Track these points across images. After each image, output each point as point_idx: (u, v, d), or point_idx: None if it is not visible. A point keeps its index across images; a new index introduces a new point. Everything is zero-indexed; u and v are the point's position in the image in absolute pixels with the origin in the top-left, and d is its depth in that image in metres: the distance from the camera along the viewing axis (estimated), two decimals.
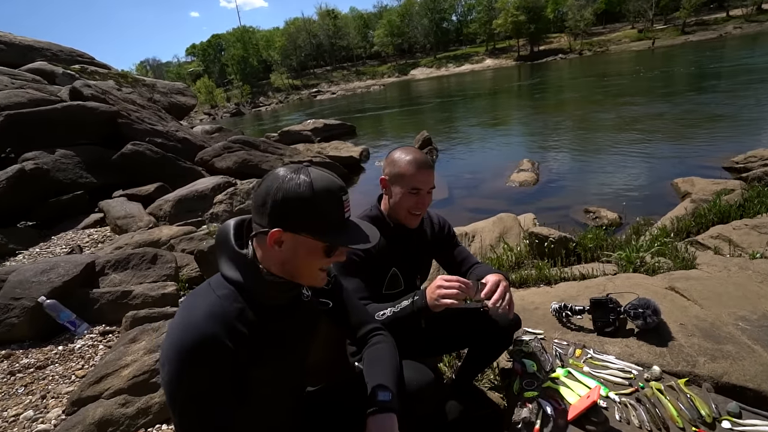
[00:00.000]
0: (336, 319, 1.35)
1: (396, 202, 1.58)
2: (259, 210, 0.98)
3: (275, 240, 0.98)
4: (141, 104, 9.95)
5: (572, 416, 1.37)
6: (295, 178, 0.97)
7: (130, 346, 2.38)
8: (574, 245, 3.60)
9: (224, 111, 52.26)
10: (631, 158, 8.17)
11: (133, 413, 2.07)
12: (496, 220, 4.53)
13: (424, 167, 1.54)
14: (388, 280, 1.64)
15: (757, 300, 2.14)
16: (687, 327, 1.91)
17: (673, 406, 1.39)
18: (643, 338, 1.82)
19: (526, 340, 1.82)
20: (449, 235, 1.88)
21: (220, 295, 0.98)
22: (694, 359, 1.70)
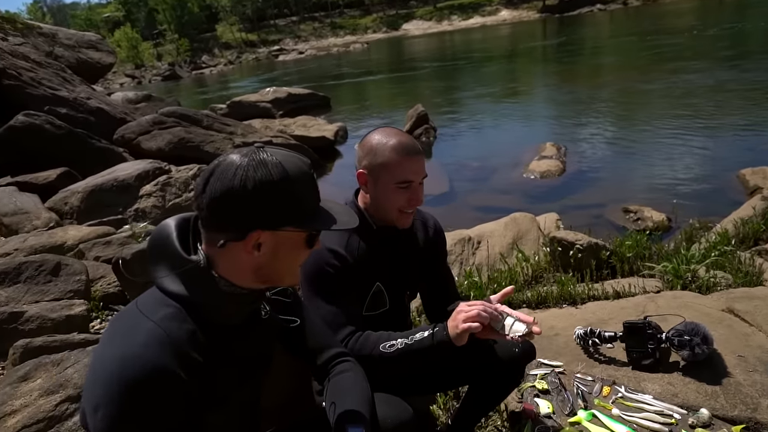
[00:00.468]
0: (294, 343, 1.38)
1: (382, 200, 1.59)
2: (219, 213, 1.00)
3: (255, 243, 1.01)
4: (37, 61, 9.80)
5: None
6: (260, 162, 0.99)
7: (19, 386, 2.36)
8: (608, 254, 3.68)
9: (154, 73, 51.79)
10: (686, 143, 8.35)
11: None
12: (509, 222, 4.60)
13: (413, 153, 1.56)
14: (371, 297, 1.66)
15: None
16: (748, 360, 1.97)
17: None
18: (691, 374, 1.88)
19: (541, 375, 1.86)
20: (443, 245, 1.91)
21: (162, 316, 0.99)
22: (756, 401, 1.75)
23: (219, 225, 1.01)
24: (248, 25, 76.97)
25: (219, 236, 1.01)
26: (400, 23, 69.38)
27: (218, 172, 1.00)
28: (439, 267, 1.88)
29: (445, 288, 1.88)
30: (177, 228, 1.07)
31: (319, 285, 1.54)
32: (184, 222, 1.10)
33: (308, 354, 1.39)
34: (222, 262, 1.04)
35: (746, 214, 4.80)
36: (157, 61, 63.74)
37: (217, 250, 1.03)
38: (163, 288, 1.03)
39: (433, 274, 1.87)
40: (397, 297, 1.74)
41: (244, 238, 1.00)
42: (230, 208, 0.99)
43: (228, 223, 1.00)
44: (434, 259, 1.86)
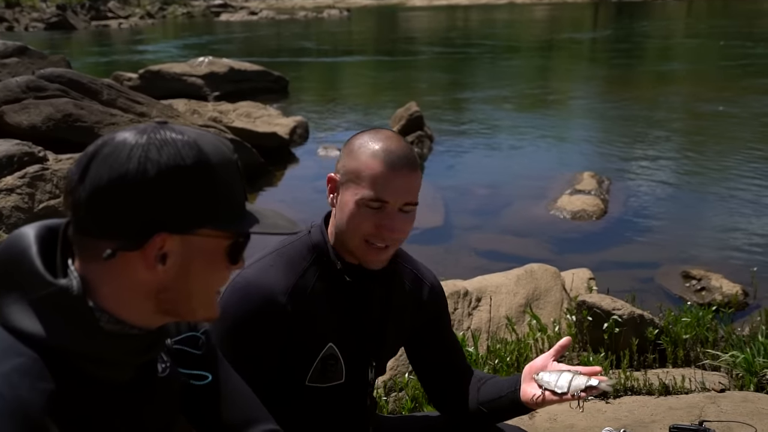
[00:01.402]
0: (203, 412, 1.37)
1: (344, 219, 1.60)
2: (106, 210, 0.98)
3: (158, 252, 0.99)
4: None
5: None
6: (165, 141, 0.98)
7: None
8: (657, 333, 3.74)
9: (34, 17, 51.38)
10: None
11: None
12: (524, 275, 4.64)
13: (400, 166, 1.56)
14: (319, 362, 1.66)
15: None
16: None
17: None
18: None
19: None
20: (442, 307, 1.94)
21: (8, 371, 0.95)
22: None
23: (105, 228, 0.98)
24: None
25: (104, 245, 0.97)
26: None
27: (104, 154, 0.97)
28: (439, 334, 1.91)
29: (451, 358, 1.91)
30: (38, 240, 1.04)
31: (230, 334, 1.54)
32: (48, 232, 1.06)
33: (226, 429, 1.38)
34: (105, 285, 1.01)
35: None
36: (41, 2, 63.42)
37: (98, 268, 1.00)
38: (13, 326, 0.99)
39: (431, 344, 1.90)
40: (357, 367, 1.74)
41: (143, 246, 0.97)
42: (122, 203, 0.96)
43: (119, 225, 0.97)
44: (430, 325, 1.88)
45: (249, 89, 16.53)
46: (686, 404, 2.65)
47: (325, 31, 39.70)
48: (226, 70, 17.02)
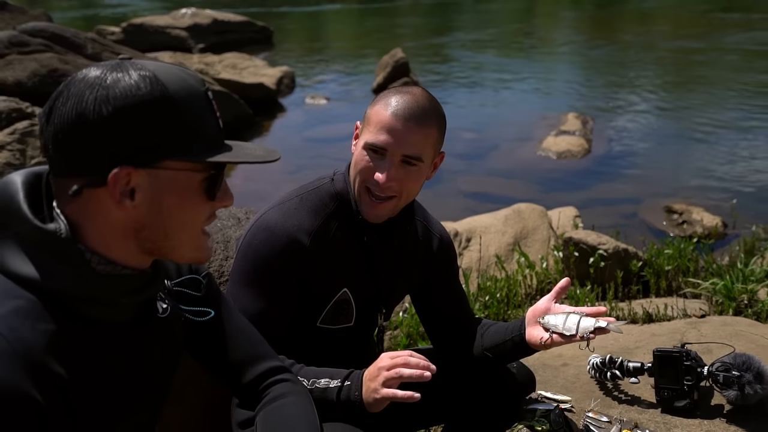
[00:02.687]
0: (207, 350, 1.40)
1: (351, 163, 1.65)
2: (70, 148, 0.97)
3: (124, 187, 0.98)
4: None
5: None
6: (123, 75, 0.98)
7: None
8: (641, 266, 3.79)
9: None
10: (757, 126, 8.60)
11: None
12: (512, 215, 4.68)
13: (409, 115, 1.57)
14: (333, 306, 1.69)
15: None
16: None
17: None
18: (738, 421, 1.97)
19: (541, 412, 1.92)
20: (451, 260, 1.97)
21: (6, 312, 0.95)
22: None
23: (71, 167, 0.99)
24: None
25: (72, 182, 0.98)
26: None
27: (67, 92, 0.97)
28: (446, 285, 1.94)
29: (456, 308, 1.95)
30: (25, 185, 1.03)
31: (256, 272, 1.57)
32: (35, 178, 1.06)
33: (230, 368, 1.40)
34: (86, 226, 1.01)
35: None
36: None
37: (76, 209, 1.00)
38: (9, 270, 0.99)
39: (437, 293, 1.93)
40: (367, 313, 1.78)
41: (106, 181, 0.96)
42: (84, 140, 0.96)
43: (83, 162, 0.98)
44: (438, 275, 1.91)
45: (234, 40, 16.28)
46: (669, 330, 2.70)
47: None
48: (210, 22, 16.75)
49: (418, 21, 20.85)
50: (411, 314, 3.09)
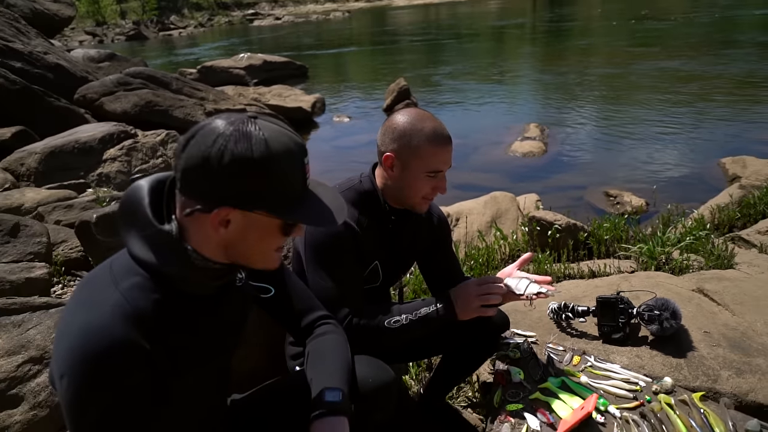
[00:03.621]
0: (273, 306, 1.42)
1: (408, 187, 1.61)
2: (192, 179, 0.97)
3: (222, 219, 0.99)
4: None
5: (563, 431, 1.51)
6: (244, 135, 0.96)
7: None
8: (586, 236, 3.81)
9: (117, 32, 50.29)
10: (672, 129, 8.57)
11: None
12: (489, 200, 4.70)
13: (447, 142, 1.60)
14: (367, 274, 1.70)
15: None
16: (712, 336, 2.09)
17: (683, 423, 1.56)
18: (658, 347, 1.99)
19: (514, 344, 1.96)
20: (447, 234, 1.98)
21: (129, 285, 0.99)
22: (717, 373, 1.88)
23: (190, 192, 0.99)
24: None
25: (189, 204, 0.99)
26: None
27: (199, 136, 0.96)
28: (444, 252, 1.95)
29: (450, 270, 1.95)
30: (150, 191, 1.04)
31: (327, 257, 1.58)
32: (158, 184, 1.06)
33: (291, 318, 1.42)
34: (193, 232, 1.01)
35: (723, 202, 5.00)
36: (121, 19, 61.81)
37: (187, 220, 1.01)
38: (134, 255, 1.02)
39: (436, 258, 1.94)
40: (390, 275, 1.80)
41: (211, 212, 0.97)
42: (202, 178, 0.96)
43: (198, 192, 0.98)
44: (437, 245, 1.92)
45: (279, 76, 16.20)
46: (607, 283, 2.71)
47: (332, 29, 38.73)
48: (261, 62, 16.72)
49: (414, 57, 20.75)
50: (416, 275, 3.12)
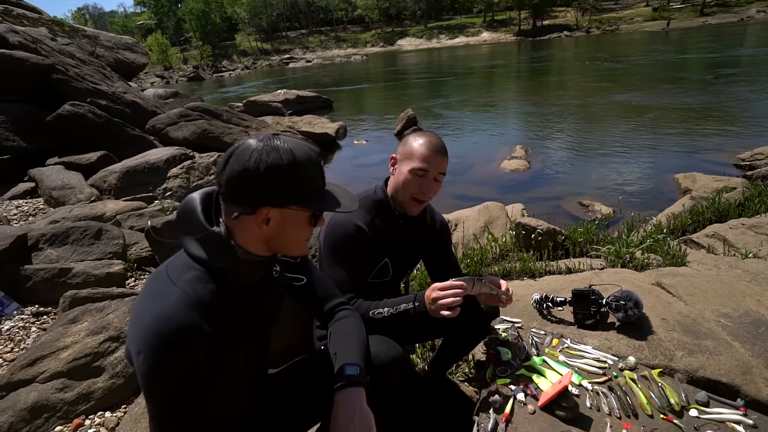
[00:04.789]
0: (302, 295, 1.43)
1: (400, 183, 1.63)
2: (235, 188, 1.01)
3: (264, 218, 1.02)
4: (81, 59, 9.66)
5: (543, 402, 1.50)
6: (273, 148, 1.00)
7: (69, 327, 2.41)
8: (563, 238, 3.77)
9: (180, 74, 51.07)
10: (635, 150, 8.51)
11: (72, 398, 2.11)
12: (482, 209, 4.68)
13: (436, 150, 1.59)
14: (378, 269, 1.71)
15: (741, 298, 2.33)
16: (668, 322, 2.07)
17: (644, 395, 1.54)
18: (623, 331, 1.97)
19: (503, 329, 1.95)
20: (448, 236, 1.97)
21: (189, 279, 1.02)
22: (672, 353, 1.86)
23: (235, 199, 1.02)
24: (263, 36, 75.80)
25: (234, 209, 1.02)
26: (395, 39, 68.69)
27: (237, 153, 1.00)
28: (444, 252, 1.94)
29: (449, 266, 1.95)
30: (201, 202, 1.08)
31: (340, 252, 1.57)
32: (207, 196, 1.10)
33: (315, 303, 1.43)
34: (238, 232, 1.04)
35: (677, 210, 4.95)
36: (183, 64, 62.69)
37: (233, 222, 1.03)
38: (190, 253, 1.04)
39: (438, 257, 1.93)
40: (399, 271, 1.80)
41: (255, 213, 1.01)
42: (244, 186, 0.99)
43: (242, 199, 1.01)
44: (439, 246, 1.92)
45: (309, 107, 16.32)
46: (581, 278, 2.69)
47: (353, 69, 38.91)
48: (295, 97, 16.83)
49: (420, 91, 20.76)
50: (421, 271, 3.12)
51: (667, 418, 1.46)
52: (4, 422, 1.99)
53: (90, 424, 2.08)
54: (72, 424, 2.06)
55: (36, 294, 3.06)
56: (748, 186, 5.29)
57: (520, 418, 1.50)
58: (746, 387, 1.72)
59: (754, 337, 1.96)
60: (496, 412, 1.52)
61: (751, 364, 1.81)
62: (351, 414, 1.13)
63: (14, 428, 1.99)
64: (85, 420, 2.09)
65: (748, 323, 2.07)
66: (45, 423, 2.04)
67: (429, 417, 1.97)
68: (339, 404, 1.15)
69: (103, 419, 2.10)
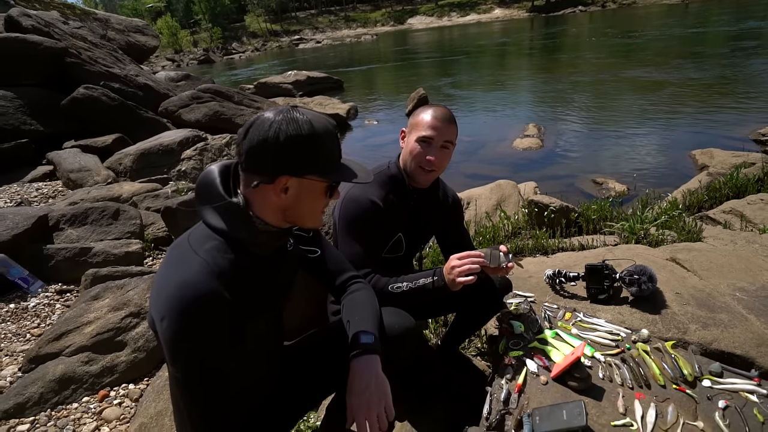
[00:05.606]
0: (315, 268, 1.45)
1: (406, 152, 1.64)
2: (255, 158, 1.02)
3: (282, 186, 1.04)
4: (93, 42, 9.66)
5: (555, 373, 1.51)
6: (292, 119, 1.01)
7: (92, 304, 2.48)
8: (576, 216, 3.74)
9: (191, 57, 50.93)
10: (650, 127, 8.34)
11: (97, 371, 2.19)
12: (494, 187, 4.65)
13: (441, 118, 1.59)
14: (392, 244, 1.72)
15: (758, 272, 2.30)
16: (683, 296, 2.06)
17: (656, 366, 1.55)
18: (637, 305, 1.97)
19: (516, 303, 1.96)
20: (460, 212, 1.97)
21: (209, 248, 1.04)
22: (686, 326, 1.86)
23: (254, 169, 1.03)
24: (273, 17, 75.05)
25: (254, 178, 1.03)
26: (406, 18, 67.55)
27: (257, 124, 1.02)
28: (457, 227, 1.95)
29: (461, 242, 1.96)
30: (220, 174, 1.09)
31: (355, 227, 1.58)
32: (225, 169, 1.11)
33: (328, 277, 1.44)
34: (256, 202, 1.05)
35: (693, 187, 4.87)
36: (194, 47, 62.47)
37: (251, 191, 1.05)
38: (209, 224, 1.06)
39: (451, 232, 1.94)
40: (413, 246, 1.81)
41: (274, 182, 1.02)
42: (264, 155, 1.01)
43: (261, 168, 1.02)
44: (451, 221, 1.92)
45: (319, 89, 16.19)
46: (594, 254, 2.68)
47: (363, 50, 38.44)
48: (305, 78, 16.71)
49: (431, 71, 20.50)
50: (434, 248, 3.13)
51: (679, 388, 1.47)
52: (35, 392, 2.07)
53: (115, 395, 2.15)
54: (98, 395, 2.13)
55: (59, 272, 3.14)
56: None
57: (532, 388, 1.51)
58: (761, 359, 1.71)
59: None
60: (510, 384, 1.53)
61: (766, 337, 1.80)
62: (367, 380, 1.15)
63: (44, 398, 2.07)
64: (110, 391, 2.16)
65: (764, 297, 2.05)
66: (73, 394, 2.12)
67: (442, 391, 1.99)
68: (355, 371, 1.17)
69: (127, 391, 2.18)
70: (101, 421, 2.02)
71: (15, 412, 2.02)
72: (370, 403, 1.13)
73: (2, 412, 2.01)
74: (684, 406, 1.42)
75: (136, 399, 2.13)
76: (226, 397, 1.03)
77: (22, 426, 1.97)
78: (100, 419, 2.03)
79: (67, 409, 2.07)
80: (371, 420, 1.12)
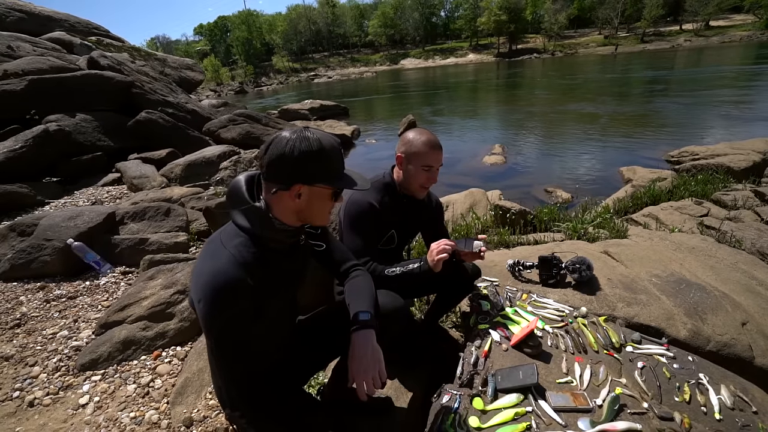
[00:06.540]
0: (323, 258, 1.44)
1: (410, 177, 1.62)
2: (274, 169, 1.01)
3: (296, 193, 1.02)
4: (153, 77, 9.60)
5: (514, 342, 1.52)
6: (304, 137, 1.01)
7: (148, 283, 2.46)
8: (532, 217, 3.76)
9: (229, 88, 50.57)
10: (588, 148, 8.36)
11: (152, 336, 2.17)
12: (467, 194, 4.65)
13: (437, 148, 1.59)
14: (386, 239, 1.71)
15: (668, 262, 2.32)
16: (612, 281, 2.08)
17: (592, 335, 1.56)
18: (578, 289, 1.98)
19: (484, 286, 1.96)
20: (441, 213, 1.97)
21: (236, 243, 1.02)
22: (614, 305, 1.87)
23: (273, 178, 1.02)
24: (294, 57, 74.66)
25: (273, 186, 1.02)
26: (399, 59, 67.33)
27: (275, 142, 1.01)
28: (439, 225, 1.94)
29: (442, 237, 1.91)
30: (246, 182, 1.08)
31: (357, 223, 1.58)
32: (250, 178, 1.10)
33: (333, 265, 1.44)
34: (275, 206, 1.04)
35: (621, 195, 4.90)
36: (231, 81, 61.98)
37: (271, 197, 1.03)
38: (237, 224, 1.05)
39: (434, 229, 1.93)
40: (403, 240, 1.80)
41: (289, 189, 1.01)
42: (281, 167, 1.00)
43: (279, 177, 1.01)
44: (434, 220, 1.91)
45: (330, 114, 16.10)
46: (546, 248, 2.69)
47: (364, 84, 38.26)
48: (319, 105, 16.62)
49: (418, 101, 20.40)
50: (419, 242, 3.13)
51: (609, 353, 1.48)
52: (105, 351, 2.06)
53: (166, 355, 2.14)
54: (153, 355, 2.12)
55: (123, 257, 3.11)
56: (676, 177, 5.27)
57: (496, 354, 1.52)
58: (669, 329, 1.73)
59: (677, 292, 1.97)
60: (478, 350, 1.54)
61: (673, 312, 1.82)
62: (365, 350, 1.15)
63: (111, 356, 2.06)
64: (162, 352, 2.15)
65: (672, 282, 2.07)
66: (133, 353, 2.10)
67: (425, 356, 1.99)
68: (355, 342, 1.16)
69: (175, 352, 2.16)
70: (155, 375, 2.01)
71: (90, 365, 2.03)
72: (367, 367, 1.13)
73: (80, 366, 2.03)
74: (612, 367, 1.43)
75: (182, 358, 2.11)
76: (247, 360, 1.03)
77: (95, 376, 1.98)
78: (154, 373, 2.02)
79: (129, 364, 2.06)
80: (368, 381, 1.12)
